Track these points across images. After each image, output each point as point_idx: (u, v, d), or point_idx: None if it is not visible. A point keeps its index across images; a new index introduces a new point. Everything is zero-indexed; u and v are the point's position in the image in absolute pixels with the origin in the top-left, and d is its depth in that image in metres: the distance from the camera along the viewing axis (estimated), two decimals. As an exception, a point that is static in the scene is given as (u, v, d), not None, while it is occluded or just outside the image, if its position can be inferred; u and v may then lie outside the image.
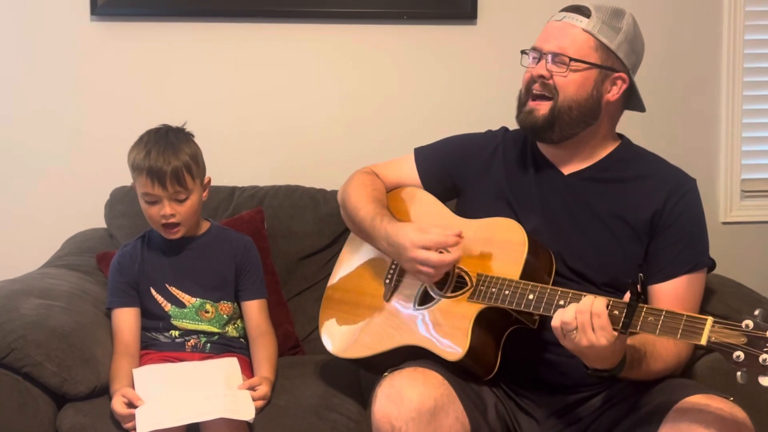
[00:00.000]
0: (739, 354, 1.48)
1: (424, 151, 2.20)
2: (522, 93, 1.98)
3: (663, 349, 1.80)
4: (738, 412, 1.63)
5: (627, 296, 1.63)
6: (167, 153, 2.10)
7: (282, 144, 2.84)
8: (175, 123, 2.23)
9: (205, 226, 2.28)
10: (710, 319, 1.53)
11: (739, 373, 1.48)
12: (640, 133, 2.26)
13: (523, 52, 1.99)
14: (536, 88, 1.93)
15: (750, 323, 1.49)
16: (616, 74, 1.94)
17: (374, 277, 2.09)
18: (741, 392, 1.77)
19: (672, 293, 1.90)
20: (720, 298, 2.13)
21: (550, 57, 1.91)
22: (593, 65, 1.91)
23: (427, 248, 1.86)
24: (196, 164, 2.15)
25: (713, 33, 2.93)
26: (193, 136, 2.21)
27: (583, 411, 1.90)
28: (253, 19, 2.79)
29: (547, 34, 1.95)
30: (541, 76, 1.92)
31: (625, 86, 1.96)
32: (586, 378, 1.89)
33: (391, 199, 2.17)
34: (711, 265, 1.97)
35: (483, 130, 2.17)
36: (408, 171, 2.18)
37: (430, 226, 1.92)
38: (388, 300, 2.03)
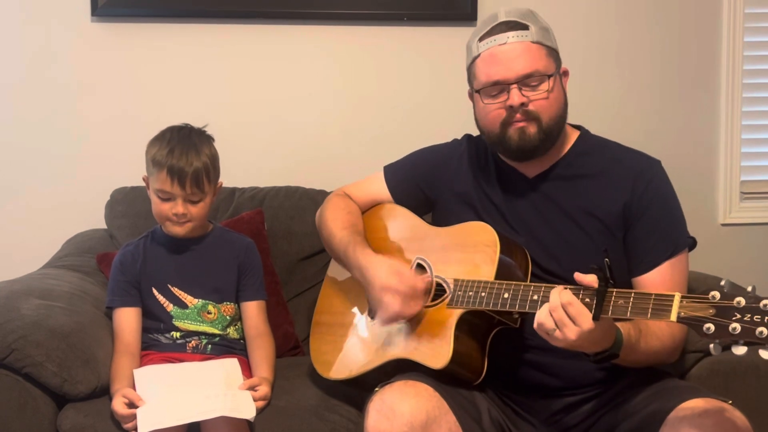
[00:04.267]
0: (709, 326, 1.46)
1: (393, 167, 2.21)
2: (494, 130, 1.91)
3: (656, 327, 1.80)
4: (737, 416, 1.63)
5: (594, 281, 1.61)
6: (191, 154, 2.11)
7: (282, 145, 2.85)
8: (174, 123, 2.23)
9: (208, 227, 2.29)
10: (678, 295, 1.52)
11: (711, 345, 1.47)
12: (639, 134, 2.27)
13: (476, 91, 1.93)
14: (518, 117, 1.87)
15: (717, 294, 1.47)
16: (562, 69, 1.95)
17: (357, 296, 2.10)
18: (740, 395, 1.77)
19: (658, 281, 1.89)
20: (719, 300, 2.13)
21: (519, 83, 1.85)
22: (555, 72, 1.90)
23: (393, 294, 1.86)
24: (214, 168, 2.17)
25: (713, 35, 2.94)
26: (213, 139, 2.22)
27: (579, 414, 1.90)
28: (253, 21, 2.79)
29: (502, 62, 1.87)
30: (523, 104, 1.86)
31: (568, 78, 1.97)
32: (577, 378, 1.90)
33: (368, 217, 2.18)
34: (691, 244, 1.96)
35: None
36: (379, 189, 2.19)
37: (403, 268, 1.90)
38: (373, 318, 2.03)
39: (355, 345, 2.05)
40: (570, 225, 1.93)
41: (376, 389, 1.79)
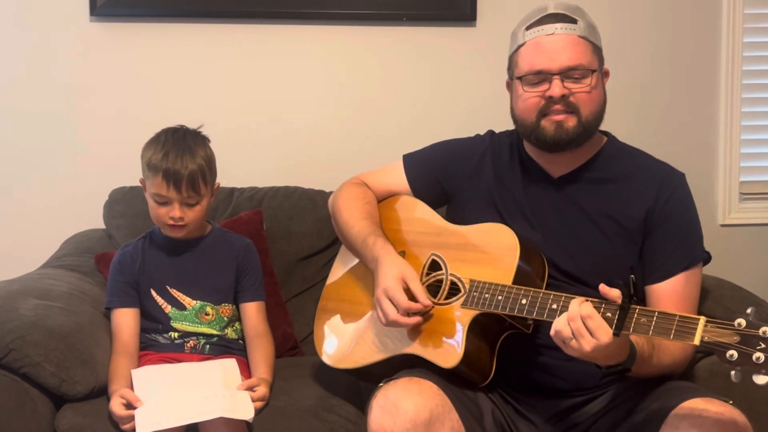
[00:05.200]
0: (733, 353, 1.47)
1: (413, 157, 2.19)
2: (528, 119, 1.91)
3: (670, 342, 1.78)
4: (738, 416, 1.63)
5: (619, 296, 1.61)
6: (185, 157, 2.10)
7: (281, 145, 2.85)
8: (173, 124, 2.23)
9: (207, 228, 2.28)
10: (703, 319, 1.53)
11: (733, 372, 1.47)
12: (638, 135, 2.26)
13: (518, 78, 1.92)
14: (558, 108, 1.87)
15: (742, 322, 1.48)
16: (604, 69, 1.95)
17: (367, 286, 2.08)
18: (740, 395, 1.77)
19: (671, 291, 1.89)
20: (718, 301, 2.13)
21: (562, 75, 1.85)
22: (598, 70, 1.90)
23: (392, 302, 1.86)
24: (210, 170, 2.16)
25: (712, 36, 2.94)
26: (209, 140, 2.21)
27: (581, 415, 1.90)
28: (252, 21, 2.79)
29: (547, 52, 1.87)
30: (564, 96, 1.86)
31: (608, 78, 1.96)
32: (583, 381, 1.90)
33: (383, 208, 2.16)
34: (706, 258, 1.96)
35: (484, 131, 2.17)
36: (397, 179, 2.17)
37: (413, 279, 1.88)
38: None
39: (363, 336, 2.04)
40: (591, 228, 1.93)
41: (381, 385, 1.79)
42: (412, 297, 1.87)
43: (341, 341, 2.09)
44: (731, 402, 1.67)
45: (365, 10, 2.81)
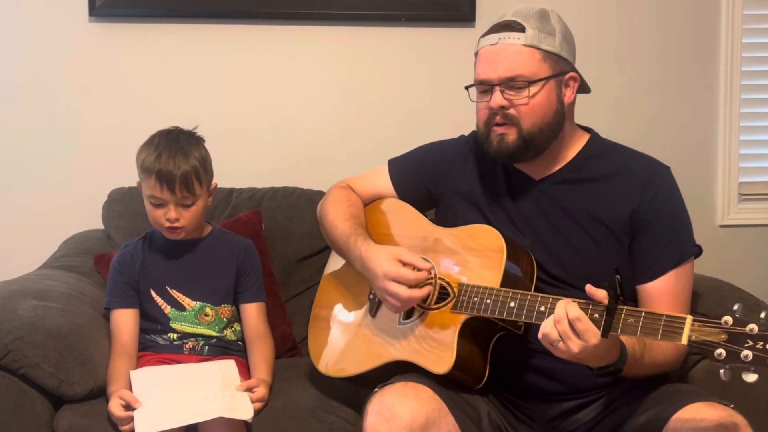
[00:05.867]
0: (721, 351, 1.46)
1: (398, 162, 2.19)
2: (480, 129, 1.93)
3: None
4: (739, 420, 1.62)
5: (605, 296, 1.60)
6: (178, 158, 2.10)
7: (280, 146, 2.84)
8: (172, 124, 2.23)
9: (207, 229, 2.28)
10: (689, 318, 1.52)
11: (722, 371, 1.46)
12: (637, 135, 2.26)
13: (467, 87, 1.94)
14: (498, 120, 1.87)
15: (729, 319, 1.47)
16: (568, 75, 1.90)
17: (358, 293, 2.08)
18: (740, 395, 1.76)
19: (662, 290, 1.88)
20: (718, 302, 2.12)
21: (502, 85, 1.84)
22: (549, 78, 1.86)
23: (398, 282, 1.85)
24: (204, 170, 2.15)
25: (711, 36, 2.94)
26: (203, 140, 2.20)
27: (580, 419, 1.89)
28: (251, 21, 2.79)
29: (489, 62, 1.86)
30: (502, 107, 1.85)
31: (577, 83, 1.93)
32: (580, 384, 1.88)
33: (370, 211, 2.16)
34: (697, 252, 1.95)
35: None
36: (383, 184, 2.17)
37: (404, 252, 1.89)
38: (373, 316, 2.02)
39: (356, 343, 2.04)
40: (577, 230, 1.91)
41: (376, 390, 1.78)
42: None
43: (334, 350, 2.09)
44: (732, 406, 1.66)
45: (365, 10, 2.81)
